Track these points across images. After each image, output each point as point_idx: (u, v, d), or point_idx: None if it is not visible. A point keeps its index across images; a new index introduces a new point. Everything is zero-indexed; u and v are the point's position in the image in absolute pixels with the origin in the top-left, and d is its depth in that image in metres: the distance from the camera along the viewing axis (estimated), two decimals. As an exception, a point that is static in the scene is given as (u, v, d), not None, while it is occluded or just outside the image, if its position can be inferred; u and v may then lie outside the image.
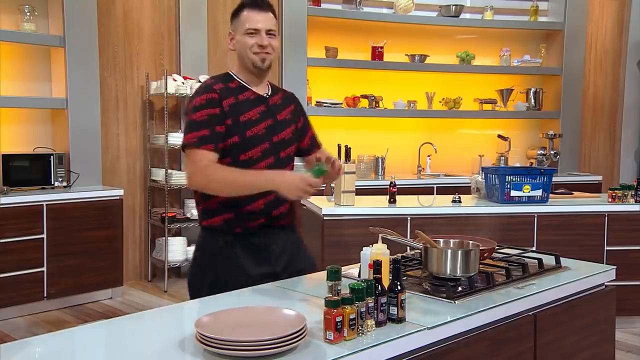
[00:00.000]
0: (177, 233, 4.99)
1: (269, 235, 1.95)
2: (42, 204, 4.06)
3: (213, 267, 1.92)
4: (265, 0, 1.98)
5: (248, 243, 1.92)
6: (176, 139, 4.81)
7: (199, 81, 4.90)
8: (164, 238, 4.74)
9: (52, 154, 4.33)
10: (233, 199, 1.88)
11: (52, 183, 4.31)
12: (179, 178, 4.83)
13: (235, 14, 2.01)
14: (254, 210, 1.92)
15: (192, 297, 1.92)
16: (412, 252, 2.10)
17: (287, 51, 5.32)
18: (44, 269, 4.08)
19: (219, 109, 1.88)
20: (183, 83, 4.83)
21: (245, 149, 1.90)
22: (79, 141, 4.48)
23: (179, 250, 4.80)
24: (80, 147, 4.49)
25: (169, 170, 4.79)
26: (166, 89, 4.69)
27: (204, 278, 1.93)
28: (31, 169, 4.25)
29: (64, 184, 4.35)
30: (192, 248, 4.81)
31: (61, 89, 4.50)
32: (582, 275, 1.96)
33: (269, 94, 2.02)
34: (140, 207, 5.02)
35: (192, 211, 4.94)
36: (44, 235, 4.06)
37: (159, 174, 4.86)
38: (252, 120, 1.93)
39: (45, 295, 4.11)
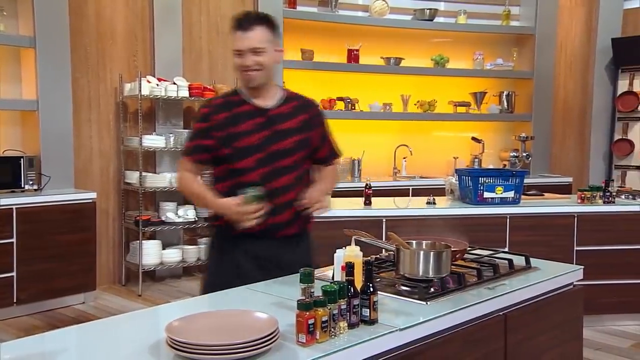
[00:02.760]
0: (152, 236, 4.93)
1: (271, 244, 2.02)
2: (12, 208, 3.97)
3: (211, 262, 2.11)
4: (250, 17, 2.02)
5: (249, 248, 2.01)
6: (150, 141, 4.76)
7: (174, 83, 4.86)
8: (138, 241, 4.68)
9: (22, 157, 4.24)
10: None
11: (23, 186, 4.22)
12: (153, 181, 4.78)
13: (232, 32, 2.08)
14: None
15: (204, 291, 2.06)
16: (386, 254, 2.11)
17: (262, 53, 5.29)
18: (14, 274, 3.99)
19: (206, 123, 2.04)
20: (157, 85, 4.79)
21: (238, 159, 2.00)
22: (50, 143, 4.40)
23: (153, 253, 4.75)
24: (52, 150, 4.40)
25: (144, 173, 4.73)
26: (140, 90, 4.64)
27: (215, 273, 2.08)
28: (1, 172, 4.15)
29: (35, 187, 4.26)
30: (167, 251, 4.82)
31: (31, 91, 4.41)
32: (551, 275, 2.00)
33: (275, 105, 2.07)
34: (114, 210, 4.95)
35: (167, 214, 4.89)
36: (14, 240, 3.97)
37: (133, 177, 4.80)
38: (246, 132, 2.01)
39: (15, 300, 4.02)
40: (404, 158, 5.62)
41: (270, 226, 1.98)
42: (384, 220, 3.44)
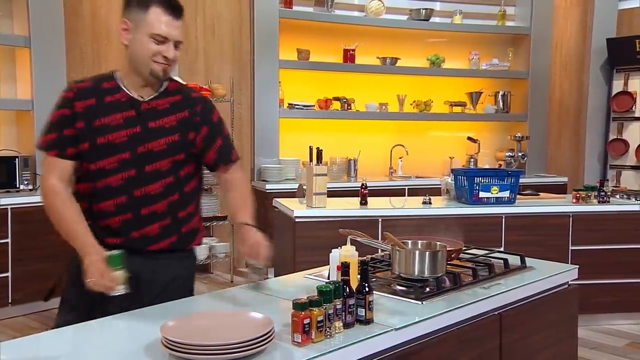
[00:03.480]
0: (148, 236, 4.92)
1: (136, 260, 1.68)
2: (7, 208, 3.96)
3: (78, 297, 1.74)
4: (180, 5, 1.73)
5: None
6: (146, 141, 4.74)
7: (170, 83, 4.85)
8: (133, 241, 4.67)
9: (17, 157, 4.23)
10: (90, 207, 1.73)
11: (18, 186, 4.20)
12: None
13: (141, 4, 1.68)
14: (109, 226, 1.73)
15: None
16: (382, 254, 2.11)
17: (258, 53, 5.30)
18: (9, 274, 3.98)
19: (68, 109, 1.72)
20: (153, 84, 4.77)
21: (97, 158, 1.70)
22: (45, 143, 4.38)
23: (149, 253, 4.73)
24: (47, 150, 4.38)
25: (139, 173, 4.72)
26: (136, 90, 4.63)
27: (73, 306, 1.78)
28: (-5, 172, 4.14)
29: (30, 187, 4.24)
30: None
31: (26, 90, 4.39)
32: (546, 275, 2.00)
33: (152, 97, 1.75)
34: (110, 210, 4.94)
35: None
36: (9, 240, 3.96)
37: (128, 177, 4.79)
38: (110, 126, 1.70)
39: (10, 301, 4.00)
40: (400, 158, 5.62)
41: (136, 240, 1.72)
42: (380, 220, 3.45)
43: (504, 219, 3.64)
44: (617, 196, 4.01)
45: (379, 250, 2.15)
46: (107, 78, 1.77)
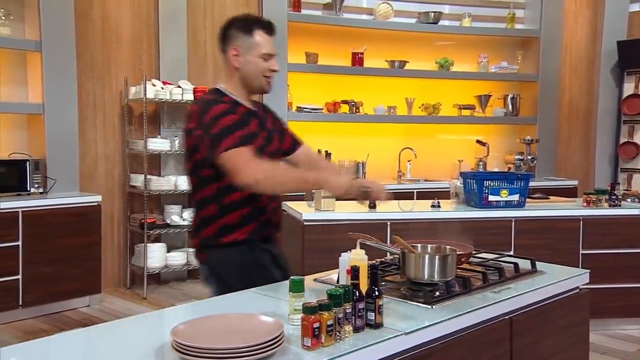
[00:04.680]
0: (157, 239, 4.94)
1: (275, 242, 2.09)
2: (18, 211, 3.99)
3: (243, 280, 1.90)
4: (272, 23, 2.06)
5: (267, 251, 2.04)
6: (155, 144, 4.77)
7: (179, 86, 4.87)
8: (143, 244, 4.69)
9: (29, 160, 4.26)
10: (252, 211, 1.96)
11: (28, 189, 4.23)
12: (158, 183, 4.79)
13: (245, 30, 1.98)
14: (267, 218, 2.04)
15: None
16: (391, 258, 2.11)
17: (267, 57, 5.31)
18: (20, 276, 4.01)
19: (237, 116, 1.93)
20: (162, 88, 4.80)
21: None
22: (55, 147, 4.42)
23: (158, 256, 4.76)
24: (57, 153, 4.42)
25: (148, 176, 4.74)
26: (145, 94, 4.65)
27: (242, 285, 1.89)
28: (7, 175, 4.18)
29: (40, 190, 4.28)
30: (172, 254, 4.82)
31: (37, 94, 4.43)
32: (557, 279, 1.99)
33: (253, 106, 2.08)
34: (119, 213, 4.97)
35: (172, 217, 4.90)
36: (20, 243, 3.99)
37: (138, 180, 4.82)
38: (253, 132, 1.97)
39: (20, 303, 4.04)
40: (409, 161, 5.61)
41: (276, 223, 2.09)
42: (389, 223, 3.44)
43: (513, 223, 3.62)
44: (629, 200, 3.98)
45: (388, 254, 2.14)
46: (221, 94, 2.01)
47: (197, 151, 1.92)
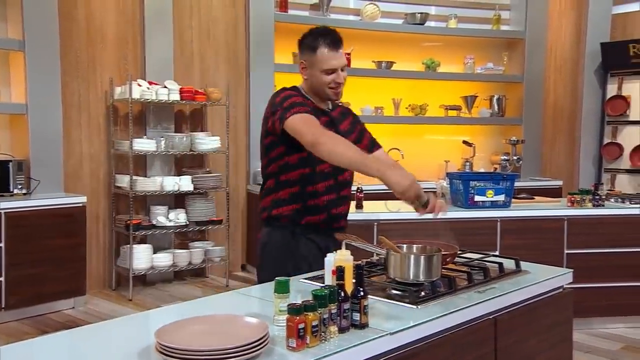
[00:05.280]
0: (143, 240, 4.91)
1: (329, 236, 2.08)
2: (1, 212, 3.94)
3: (281, 258, 2.10)
4: (339, 38, 2.16)
5: (310, 239, 2.13)
6: (141, 144, 4.74)
7: (165, 86, 4.85)
8: (128, 246, 4.66)
9: (11, 161, 4.21)
10: (303, 193, 2.10)
11: (12, 190, 4.18)
12: (144, 184, 4.75)
13: (309, 47, 2.14)
14: (317, 205, 2.12)
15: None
16: (377, 258, 2.11)
17: (254, 57, 5.32)
18: (2, 279, 3.96)
19: (303, 99, 2.11)
20: (148, 88, 4.77)
21: None
22: (39, 147, 4.37)
23: (144, 257, 4.73)
24: (41, 153, 4.38)
25: (134, 177, 4.71)
26: (130, 94, 4.62)
27: (273, 267, 2.04)
28: (-11, 176, 4.13)
29: (24, 191, 4.23)
30: (158, 255, 4.80)
31: (21, 94, 4.38)
32: (541, 279, 2.01)
33: (330, 109, 2.25)
34: (104, 214, 4.93)
35: (158, 218, 4.87)
36: (3, 244, 3.94)
37: (123, 181, 4.78)
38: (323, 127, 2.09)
39: (3, 306, 3.98)
40: (396, 161, 5.62)
41: (334, 216, 2.14)
42: (376, 224, 3.45)
43: (499, 223, 3.65)
44: (612, 200, 4.03)
45: (374, 254, 2.15)
46: (299, 92, 2.19)
47: (269, 134, 2.11)
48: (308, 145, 1.96)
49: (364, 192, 3.68)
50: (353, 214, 3.49)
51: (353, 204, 3.64)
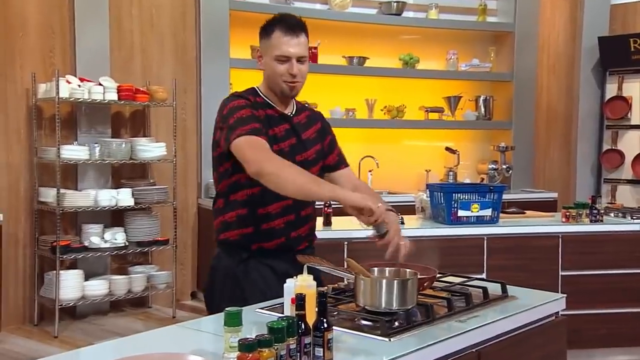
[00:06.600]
0: (72, 265, 4.82)
1: (287, 260, 2.09)
2: None
3: (229, 286, 2.14)
4: (299, 22, 2.17)
5: (264, 264, 2.15)
6: (71, 152, 4.66)
7: (100, 84, 4.79)
8: (54, 272, 4.56)
9: None
10: (253, 215, 2.12)
11: None
12: (74, 199, 4.67)
13: (265, 32, 2.16)
14: (272, 228, 2.14)
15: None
16: (346, 283, 2.13)
17: (205, 50, 5.31)
18: None
19: (251, 110, 2.11)
20: (79, 86, 4.71)
21: None
22: (-54, 155, 4.27)
23: (73, 285, 4.63)
24: (-51, 163, 4.27)
25: (62, 190, 4.62)
26: (58, 92, 4.55)
27: (220, 297, 2.14)
28: None
29: None
30: (91, 283, 4.71)
31: None
32: (530, 306, 2.05)
33: (293, 113, 2.26)
34: (25, 234, 4.82)
35: (91, 238, 4.79)
36: None
37: (49, 195, 4.69)
38: (278, 136, 2.15)
39: None
40: (370, 171, 5.69)
41: (292, 240, 2.16)
42: (346, 243, 3.47)
43: (485, 241, 3.72)
44: (612, 214, 4.14)
45: (345, 279, 2.17)
46: (254, 94, 2.21)
47: (218, 145, 2.14)
48: (253, 175, 2.00)
49: (333, 207, 3.69)
50: (320, 232, 3.50)
51: (319, 220, 3.66)
